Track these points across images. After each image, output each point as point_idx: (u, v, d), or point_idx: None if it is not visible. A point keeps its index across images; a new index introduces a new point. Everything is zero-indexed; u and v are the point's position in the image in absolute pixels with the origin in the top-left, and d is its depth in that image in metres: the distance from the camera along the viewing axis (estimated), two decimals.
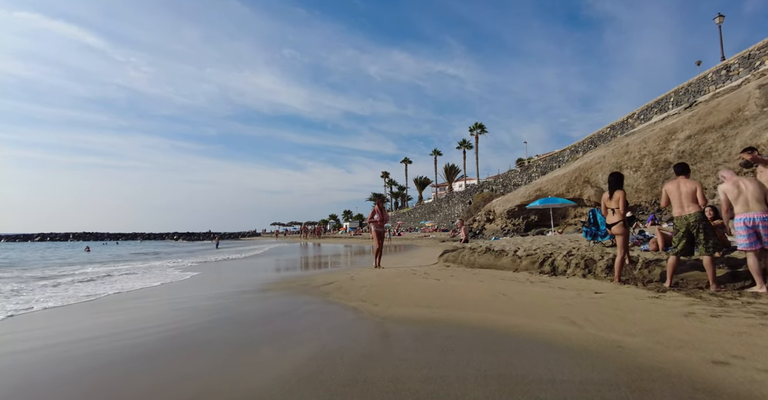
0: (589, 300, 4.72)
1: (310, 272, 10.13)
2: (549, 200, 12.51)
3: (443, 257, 9.06)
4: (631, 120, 28.54)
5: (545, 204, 12.32)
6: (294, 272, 10.40)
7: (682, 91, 24.03)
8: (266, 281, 7.71)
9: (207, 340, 3.56)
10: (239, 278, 8.59)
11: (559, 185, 26.63)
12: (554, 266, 6.76)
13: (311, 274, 8.98)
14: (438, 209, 57.43)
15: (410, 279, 6.61)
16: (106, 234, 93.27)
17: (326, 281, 6.78)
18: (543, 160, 38.84)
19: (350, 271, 8.80)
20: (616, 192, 5.78)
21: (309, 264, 12.87)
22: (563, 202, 12.91)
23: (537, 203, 12.73)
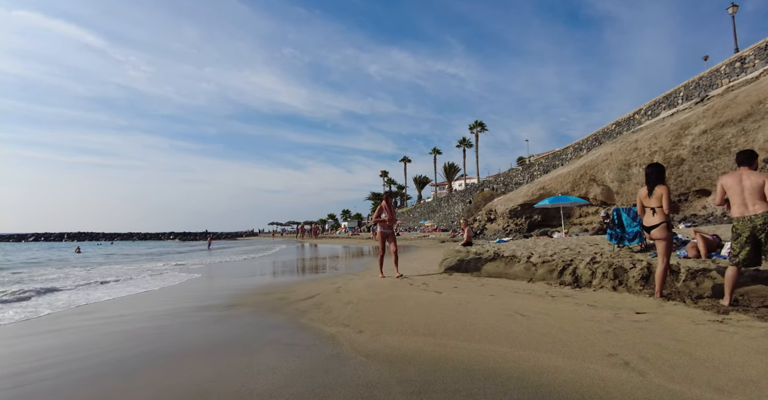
0: (633, 324, 3.68)
1: (294, 278, 9.07)
2: (559, 199, 11.49)
3: (445, 263, 8.00)
4: (638, 116, 27.52)
5: (555, 203, 11.28)
6: (277, 278, 9.35)
7: (693, 86, 23.01)
8: (239, 291, 6.66)
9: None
10: (211, 287, 7.55)
11: (564, 184, 25.64)
12: (577, 276, 5.72)
13: (295, 282, 7.93)
14: (437, 208, 56.39)
15: (406, 291, 5.56)
16: (101, 234, 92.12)
17: (307, 294, 5.74)
18: (545, 158, 37.81)
19: (339, 279, 7.76)
20: (658, 188, 4.70)
21: (296, 269, 11.82)
22: (575, 200, 11.88)
23: (546, 201, 11.70)
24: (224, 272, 11.49)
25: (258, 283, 7.93)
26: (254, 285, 7.47)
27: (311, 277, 9.19)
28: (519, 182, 40.44)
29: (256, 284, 7.80)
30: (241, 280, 8.95)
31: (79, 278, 9.91)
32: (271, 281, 8.11)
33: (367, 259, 15.71)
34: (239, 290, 6.86)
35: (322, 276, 9.05)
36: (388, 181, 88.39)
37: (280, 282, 7.90)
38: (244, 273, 11.17)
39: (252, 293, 6.33)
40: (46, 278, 10.13)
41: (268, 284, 7.52)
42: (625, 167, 21.26)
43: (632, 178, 20.76)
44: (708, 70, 21.86)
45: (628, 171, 21.05)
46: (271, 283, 7.71)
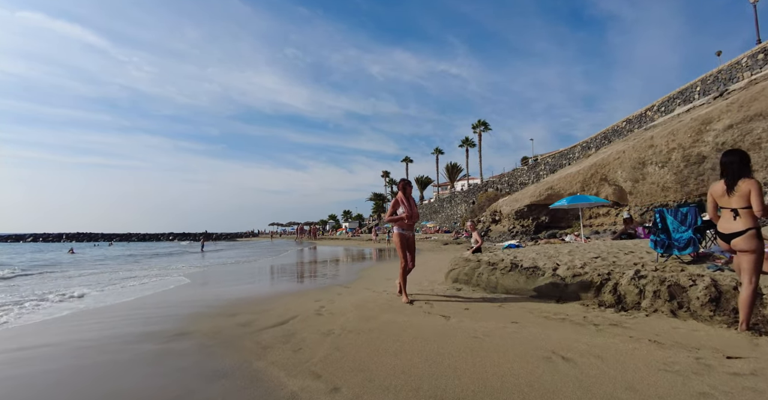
0: (735, 380, 2.49)
1: (274, 290, 7.78)
2: (579, 199, 10.25)
3: (452, 274, 6.79)
4: (650, 113, 26.28)
5: (574, 203, 10.05)
6: (255, 288, 8.06)
7: (710, 80, 21.77)
8: (202, 309, 5.46)
9: None
10: (174, 302, 6.36)
11: (573, 183, 24.45)
12: (620, 295, 4.53)
13: (273, 296, 6.71)
14: (440, 209, 55.17)
15: (404, 316, 4.38)
16: (100, 235, 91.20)
17: (280, 317, 4.56)
18: (552, 157, 36.58)
19: (326, 293, 6.58)
20: (743, 182, 3.41)
21: (281, 277, 10.63)
22: (596, 200, 10.65)
23: (563, 201, 10.46)
24: (203, 280, 10.32)
25: (230, 296, 6.75)
26: (224, 300, 6.28)
27: (295, 288, 7.93)
28: (524, 182, 39.20)
29: (227, 297, 6.61)
30: (215, 291, 7.77)
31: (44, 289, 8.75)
32: (245, 294, 6.91)
33: (362, 264, 14.53)
34: (203, 307, 5.68)
35: (307, 287, 7.82)
36: (389, 181, 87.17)
37: (256, 296, 6.70)
38: (223, 281, 10.01)
39: (215, 313, 5.14)
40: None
41: (240, 299, 6.33)
42: (639, 166, 20.03)
43: (647, 177, 19.52)
44: (728, 63, 20.62)
45: (642, 170, 19.81)
46: (245, 297, 6.52)
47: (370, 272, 10.13)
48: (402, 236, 5.36)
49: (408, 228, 5.39)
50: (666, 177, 18.25)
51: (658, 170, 18.76)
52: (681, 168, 17.46)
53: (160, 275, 11.49)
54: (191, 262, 18.70)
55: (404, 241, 5.37)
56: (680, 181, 17.50)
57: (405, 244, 5.38)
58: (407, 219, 5.30)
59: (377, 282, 7.68)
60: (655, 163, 18.91)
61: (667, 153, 18.19)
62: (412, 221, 5.34)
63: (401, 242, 5.36)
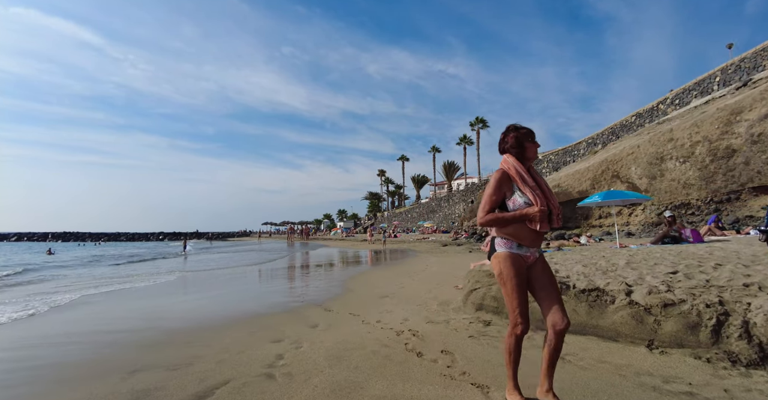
0: None
1: (222, 315, 5.42)
2: (614, 195, 8.41)
3: (473, 298, 4.91)
4: (663, 106, 24.69)
5: (609, 200, 8.22)
6: (197, 311, 6.02)
7: (732, 69, 20.19)
8: (88, 354, 3.63)
9: None
10: (55, 333, 4.53)
11: (582, 181, 22.84)
12: (761, 344, 2.78)
13: (214, 328, 4.65)
14: (437, 208, 53.48)
15: (410, 385, 2.59)
16: (87, 234, 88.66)
17: (200, 386, 2.75)
18: (555, 154, 34.97)
19: (293, 321, 4.76)
20: None
21: (247, 290, 8.70)
22: (636, 196, 8.80)
23: (596, 197, 8.58)
24: (149, 291, 8.49)
25: (155, 324, 4.88)
26: (140, 332, 4.41)
27: (253, 310, 5.81)
28: None
29: (149, 326, 4.75)
30: (141, 312, 5.91)
31: None
32: (178, 323, 4.96)
33: (352, 270, 12.74)
34: (97, 348, 3.83)
35: (271, 310, 5.78)
36: (385, 180, 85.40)
37: (193, 325, 4.79)
38: (169, 294, 8.20)
39: (103, 367, 3.25)
40: None
41: (166, 331, 4.43)
42: (656, 161, 18.41)
43: (666, 173, 17.90)
44: (752, 50, 19.04)
45: (660, 165, 18.19)
46: (174, 328, 4.62)
47: (359, 284, 8.35)
48: (516, 262, 2.25)
49: (534, 240, 2.29)
50: (688, 173, 16.64)
51: (679, 166, 17.15)
52: (706, 163, 15.85)
53: (101, 284, 9.65)
54: (164, 265, 16.83)
55: (520, 270, 2.25)
56: (705, 177, 15.88)
57: (521, 278, 2.24)
58: (537, 218, 2.19)
59: (368, 302, 5.91)
60: (676, 158, 17.30)
61: (690, 147, 16.58)
62: (557, 217, 2.34)
63: (515, 272, 2.23)
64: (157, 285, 9.41)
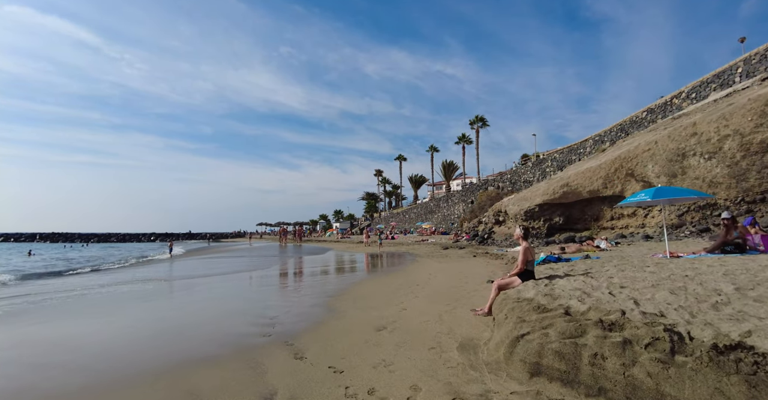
0: None
1: (130, 370, 3.55)
2: (669, 192, 6.69)
3: (521, 351, 2.99)
4: (677, 100, 23.26)
5: (662, 198, 6.48)
6: (85, 368, 4.30)
7: (756, 59, 18.75)
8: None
9: None
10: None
11: (594, 179, 21.33)
12: None
13: (148, 381, 3.23)
14: (436, 209, 51.92)
15: None
16: (77, 235, 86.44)
17: None
18: (560, 152, 33.52)
19: (238, 389, 3.16)
20: None
21: (209, 311, 7.05)
22: (698, 194, 7.09)
23: (644, 196, 6.73)
24: (63, 310, 6.86)
25: (58, 378, 3.30)
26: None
27: (185, 353, 3.94)
28: (529, 180, 36.12)
29: (56, 377, 3.16)
30: (60, 350, 4.31)
31: None
32: (92, 378, 3.41)
33: (344, 281, 11.15)
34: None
35: (216, 353, 3.86)
36: (382, 180, 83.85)
37: (111, 376, 3.24)
38: (93, 314, 6.59)
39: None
40: None
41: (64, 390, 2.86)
42: (677, 158, 16.91)
43: (688, 171, 16.39)
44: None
45: (682, 162, 16.69)
46: (84, 385, 3.08)
47: (350, 302, 6.75)
48: None
49: None
50: (715, 170, 15.14)
51: (704, 163, 15.66)
52: (737, 159, 14.37)
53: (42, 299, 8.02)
54: (135, 272, 15.19)
55: None
56: (736, 175, 14.39)
57: None
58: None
59: (358, 341, 4.28)
60: (700, 154, 15.81)
61: (718, 141, 15.09)
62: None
63: None
64: (89, 298, 7.77)
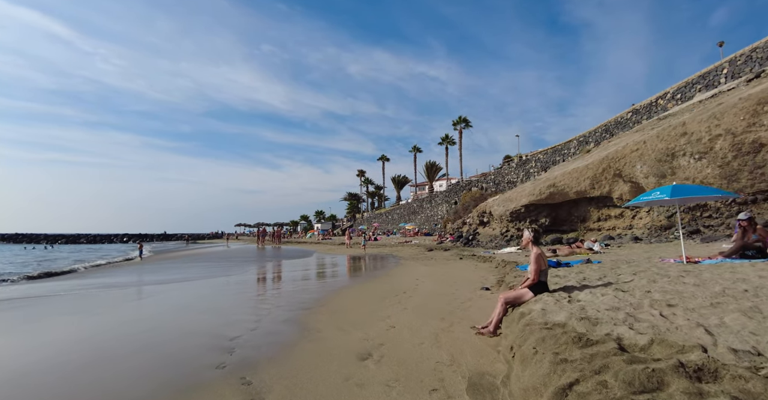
0: None
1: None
2: (689, 191, 5.99)
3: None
4: (662, 101, 23.16)
5: (677, 197, 5.76)
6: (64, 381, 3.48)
7: (741, 60, 18.67)
8: None
9: None
10: None
11: (581, 180, 20.92)
12: None
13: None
14: (419, 209, 51.25)
15: None
16: (42, 236, 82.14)
17: None
18: (543, 153, 33.29)
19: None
20: None
21: (158, 332, 5.93)
22: (722, 193, 6.36)
23: (660, 194, 5.95)
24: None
25: None
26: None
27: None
28: (513, 180, 35.80)
29: None
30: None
31: None
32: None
33: (321, 289, 10.17)
34: None
35: (165, 395, 3.13)
36: (365, 180, 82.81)
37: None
38: (29, 334, 5.47)
39: None
40: None
41: None
42: (667, 158, 16.58)
43: (678, 171, 16.06)
44: (765, 40, 17.53)
45: (671, 163, 16.36)
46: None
47: (327, 317, 5.79)
48: None
49: None
50: (706, 171, 14.82)
51: (695, 163, 15.34)
52: (729, 159, 14.06)
53: None
54: (81, 280, 13.80)
55: None
56: (727, 175, 14.08)
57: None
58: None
59: (333, 375, 3.33)
60: (690, 155, 15.48)
61: (709, 141, 14.78)
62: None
63: None
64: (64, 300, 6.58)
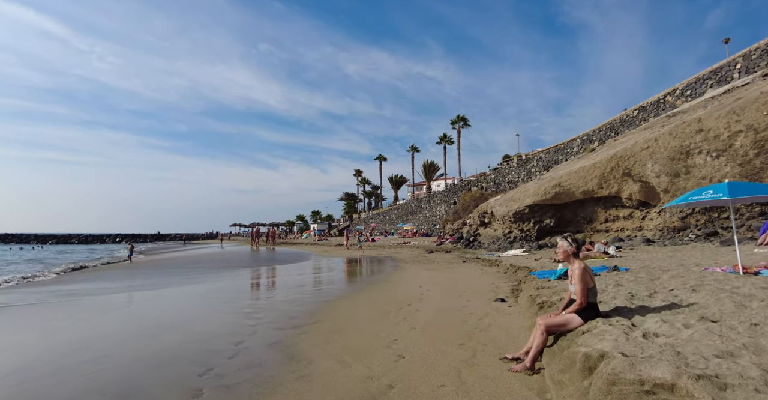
0: None
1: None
2: (752, 190, 5.07)
3: None
4: (671, 98, 22.37)
5: (738, 197, 4.87)
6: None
7: (756, 55, 17.89)
8: None
9: None
10: None
11: (588, 179, 20.09)
12: None
13: None
14: (417, 209, 50.35)
15: None
16: (33, 236, 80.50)
17: None
18: (546, 152, 32.48)
19: None
20: None
21: (116, 364, 4.93)
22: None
23: (711, 192, 5.12)
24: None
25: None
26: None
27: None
28: (513, 180, 34.97)
29: None
30: None
31: None
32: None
33: (315, 302, 9.24)
34: None
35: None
36: (362, 180, 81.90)
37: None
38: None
39: None
40: None
41: None
42: (681, 156, 15.78)
43: (693, 170, 15.26)
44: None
45: (686, 161, 15.56)
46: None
47: (320, 343, 4.78)
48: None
49: None
50: (724, 169, 14.00)
51: (711, 161, 14.52)
52: (750, 157, 13.26)
53: None
54: (65, 285, 12.81)
55: None
56: (748, 174, 13.27)
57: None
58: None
59: None
60: (707, 152, 14.67)
61: (728, 138, 13.96)
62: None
63: None
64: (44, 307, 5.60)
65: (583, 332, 3.07)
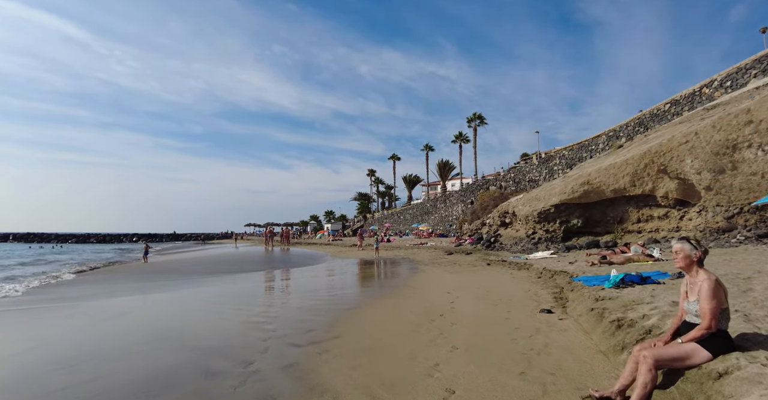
0: None
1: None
2: None
3: None
4: (708, 90, 20.95)
5: None
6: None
7: None
8: None
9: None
10: None
11: (619, 177, 18.84)
12: None
13: None
14: (432, 209, 49.32)
15: None
16: (54, 235, 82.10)
17: None
18: (569, 149, 31.20)
19: None
20: None
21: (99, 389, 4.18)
22: None
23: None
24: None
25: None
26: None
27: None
28: (534, 178, 33.69)
29: None
30: None
31: None
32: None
33: (329, 313, 8.41)
34: None
35: None
36: (375, 180, 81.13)
37: None
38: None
39: None
40: None
41: None
42: (726, 151, 14.49)
43: (741, 165, 13.98)
44: None
45: (732, 156, 14.27)
46: None
47: (341, 370, 3.91)
48: None
49: None
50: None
51: (764, 155, 13.22)
52: None
53: None
54: (70, 289, 12.30)
55: None
56: None
57: None
58: None
59: None
60: (758, 146, 13.37)
61: None
62: None
63: None
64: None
65: (720, 375, 2.18)
